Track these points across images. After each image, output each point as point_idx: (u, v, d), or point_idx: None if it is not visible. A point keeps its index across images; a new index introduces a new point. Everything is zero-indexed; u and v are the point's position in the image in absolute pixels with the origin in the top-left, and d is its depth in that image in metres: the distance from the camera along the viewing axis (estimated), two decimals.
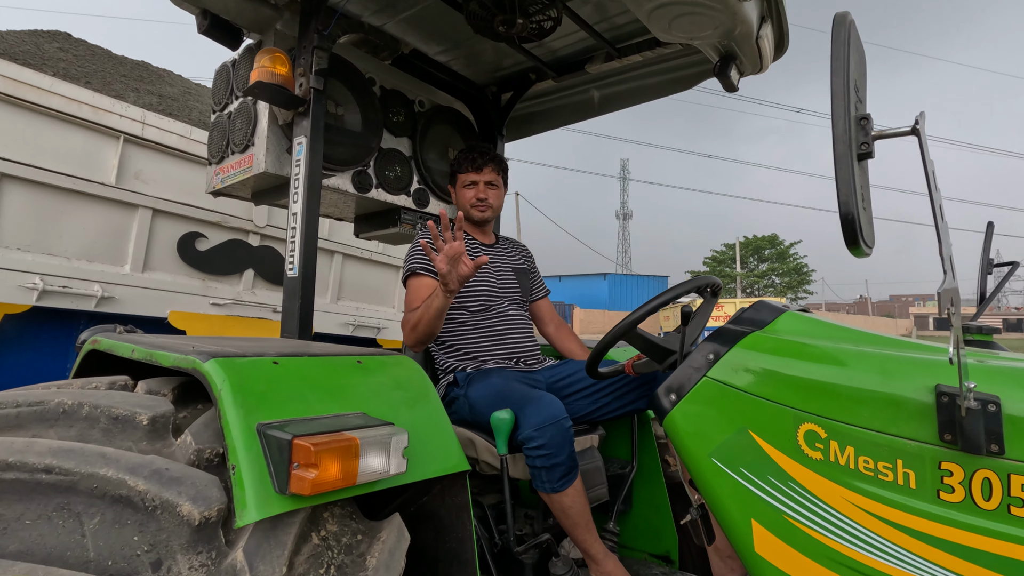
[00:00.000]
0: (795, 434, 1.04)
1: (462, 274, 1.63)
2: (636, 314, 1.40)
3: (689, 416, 1.22)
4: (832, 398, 1.01)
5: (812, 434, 1.02)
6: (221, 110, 2.26)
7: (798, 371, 1.08)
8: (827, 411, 1.01)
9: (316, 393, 1.14)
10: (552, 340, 2.24)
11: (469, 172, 2.10)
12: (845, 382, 1.00)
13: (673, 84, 2.49)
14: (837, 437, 0.99)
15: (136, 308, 2.99)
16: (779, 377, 1.10)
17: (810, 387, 1.05)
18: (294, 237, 1.92)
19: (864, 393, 0.97)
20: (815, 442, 1.01)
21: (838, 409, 1.00)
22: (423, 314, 1.74)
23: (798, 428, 1.04)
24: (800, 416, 1.04)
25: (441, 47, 2.50)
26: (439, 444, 1.27)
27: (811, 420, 1.03)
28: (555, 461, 1.43)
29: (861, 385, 0.98)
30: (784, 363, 1.11)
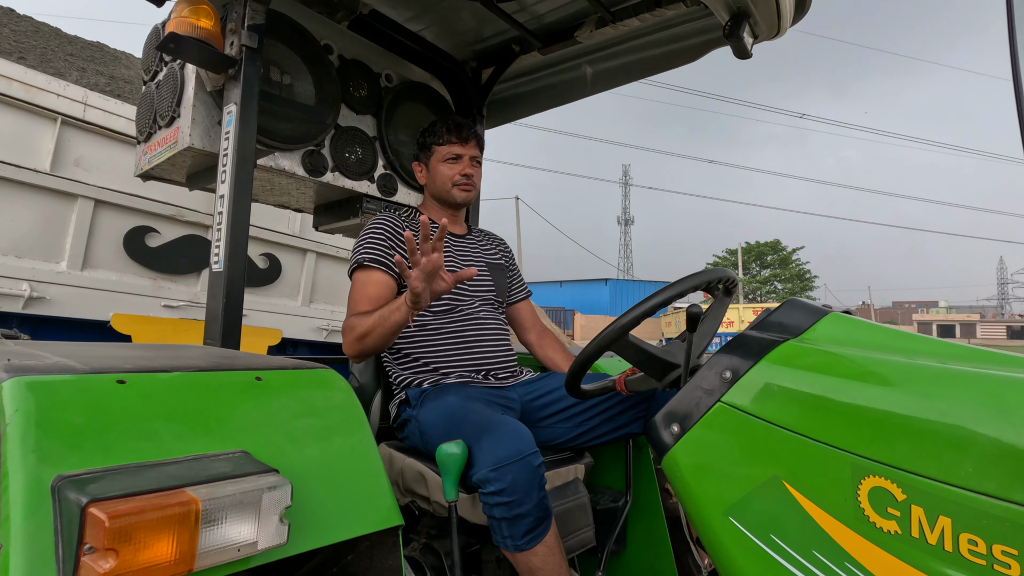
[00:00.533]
0: (854, 491, 0.71)
1: (438, 291, 1.32)
2: (627, 317, 1.08)
3: (698, 456, 0.89)
4: (913, 440, 0.68)
5: (882, 493, 0.69)
6: (151, 79, 1.95)
7: (856, 397, 0.75)
8: (905, 460, 0.68)
9: (175, 425, 0.81)
10: (533, 349, 1.91)
11: (453, 143, 1.77)
12: (935, 416, 0.67)
13: (676, 55, 2.17)
14: (922, 500, 0.66)
15: (73, 310, 2.67)
16: (828, 406, 0.77)
17: (877, 422, 0.72)
18: (220, 224, 1.60)
19: (966, 434, 0.65)
20: (887, 505, 0.69)
21: (923, 457, 0.67)
22: (376, 326, 1.40)
23: (859, 482, 0.71)
24: (862, 465, 0.71)
25: (411, 12, 2.18)
26: (362, 492, 0.94)
27: (880, 472, 0.70)
28: (519, 511, 1.09)
29: (961, 422, 0.66)
30: (834, 385, 0.78)
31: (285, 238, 3.58)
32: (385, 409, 1.66)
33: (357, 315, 1.48)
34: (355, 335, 1.44)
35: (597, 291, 41.76)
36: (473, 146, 1.81)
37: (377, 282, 1.54)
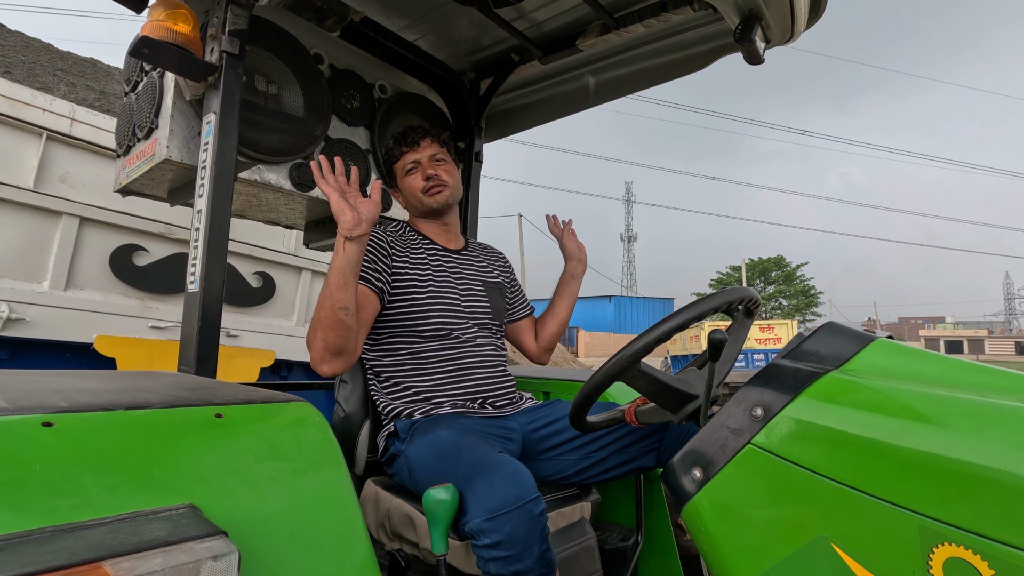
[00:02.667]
0: (925, 562, 0.58)
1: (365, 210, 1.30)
2: (639, 343, 0.95)
3: (726, 508, 0.76)
4: (1002, 500, 0.55)
5: (962, 566, 0.56)
6: (131, 90, 1.86)
7: (922, 443, 0.62)
8: (992, 526, 0.55)
9: (109, 477, 0.69)
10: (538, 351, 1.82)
11: (406, 153, 1.65)
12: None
13: (683, 63, 2.07)
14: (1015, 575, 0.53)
15: (55, 332, 2.56)
16: (887, 452, 0.64)
17: (952, 475, 0.59)
18: (197, 241, 1.49)
19: None
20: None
21: (1014, 521, 0.54)
22: (323, 299, 1.25)
23: (931, 551, 0.58)
24: (934, 529, 0.58)
25: (406, 20, 2.10)
26: (334, 545, 0.81)
27: (958, 540, 0.57)
28: (517, 568, 0.95)
29: None
30: (892, 427, 0.65)
31: (279, 256, 3.47)
32: (373, 441, 1.53)
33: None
34: (311, 335, 1.27)
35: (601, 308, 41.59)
36: (428, 145, 1.67)
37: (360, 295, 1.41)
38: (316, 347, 1.27)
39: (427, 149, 1.64)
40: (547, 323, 1.85)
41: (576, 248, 1.88)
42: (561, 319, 1.83)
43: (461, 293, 1.56)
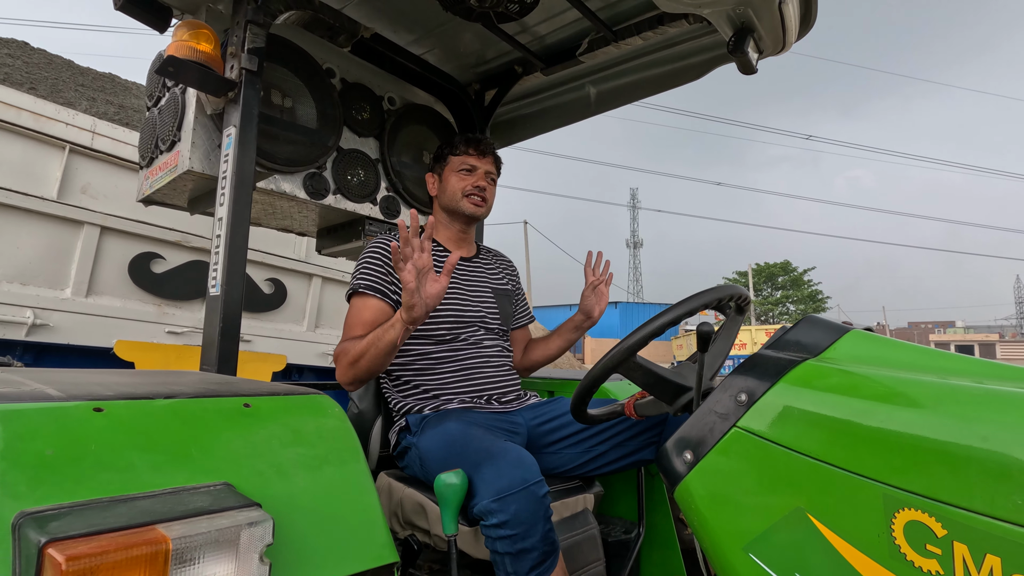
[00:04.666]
0: (888, 526, 0.65)
1: (430, 294, 1.27)
2: (635, 337, 1.02)
3: (714, 486, 0.83)
4: (953, 469, 0.62)
5: (919, 528, 0.63)
6: (154, 105, 1.95)
7: (886, 421, 0.69)
8: (945, 491, 0.62)
9: (153, 456, 0.76)
10: (519, 366, 1.84)
11: (471, 155, 1.73)
12: (978, 443, 0.61)
13: (680, 73, 2.15)
14: (966, 536, 0.59)
15: (77, 337, 2.65)
16: (856, 430, 0.71)
17: (911, 449, 0.66)
18: (219, 247, 1.57)
19: (1015, 463, 0.59)
20: (925, 542, 0.62)
21: (966, 488, 0.61)
22: (369, 347, 1.34)
23: (893, 516, 0.65)
24: (896, 497, 0.65)
25: (413, 35, 2.19)
26: (354, 527, 0.89)
27: (917, 505, 0.63)
28: (524, 545, 1.03)
29: (1008, 450, 0.59)
30: (861, 408, 0.72)
31: (290, 263, 3.56)
32: (385, 437, 1.60)
33: (350, 340, 1.43)
34: (348, 360, 1.38)
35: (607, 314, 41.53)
36: (489, 162, 1.78)
37: (372, 307, 1.49)
38: (349, 375, 1.39)
39: (487, 164, 1.73)
40: (536, 350, 1.86)
41: (595, 308, 1.76)
42: (550, 353, 1.85)
43: (471, 300, 1.63)
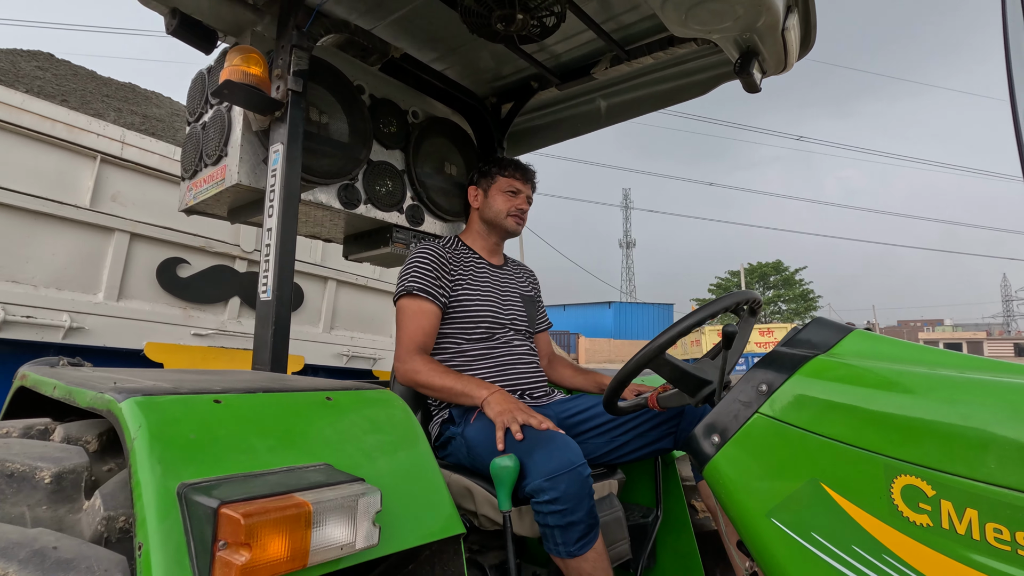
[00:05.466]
0: (888, 489, 0.79)
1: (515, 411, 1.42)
2: (664, 337, 1.17)
3: (739, 464, 0.97)
4: (940, 442, 0.77)
5: (913, 490, 0.77)
6: (195, 120, 2.07)
7: (885, 405, 0.84)
8: (933, 459, 0.76)
9: (267, 440, 0.90)
10: (546, 374, 2.00)
11: (517, 179, 1.90)
12: (960, 420, 0.76)
13: (687, 89, 2.30)
14: (951, 495, 0.74)
15: (109, 339, 2.77)
16: (860, 413, 0.85)
17: (906, 427, 0.80)
18: (268, 256, 1.70)
19: (988, 436, 0.73)
20: (918, 501, 0.77)
21: (949, 456, 0.75)
22: (440, 390, 1.54)
23: (892, 481, 0.79)
24: (894, 466, 0.79)
25: (436, 53, 2.32)
26: (426, 502, 1.02)
27: (911, 472, 0.78)
28: (572, 519, 1.17)
29: (983, 425, 0.74)
30: (865, 395, 0.86)
31: (308, 267, 3.68)
32: (425, 429, 1.74)
33: (423, 358, 1.59)
34: (417, 379, 1.56)
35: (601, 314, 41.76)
36: (531, 188, 1.95)
37: (427, 312, 1.64)
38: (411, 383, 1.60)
39: (529, 190, 1.90)
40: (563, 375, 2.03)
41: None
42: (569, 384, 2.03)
43: (503, 303, 1.78)
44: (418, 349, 1.60)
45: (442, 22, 2.11)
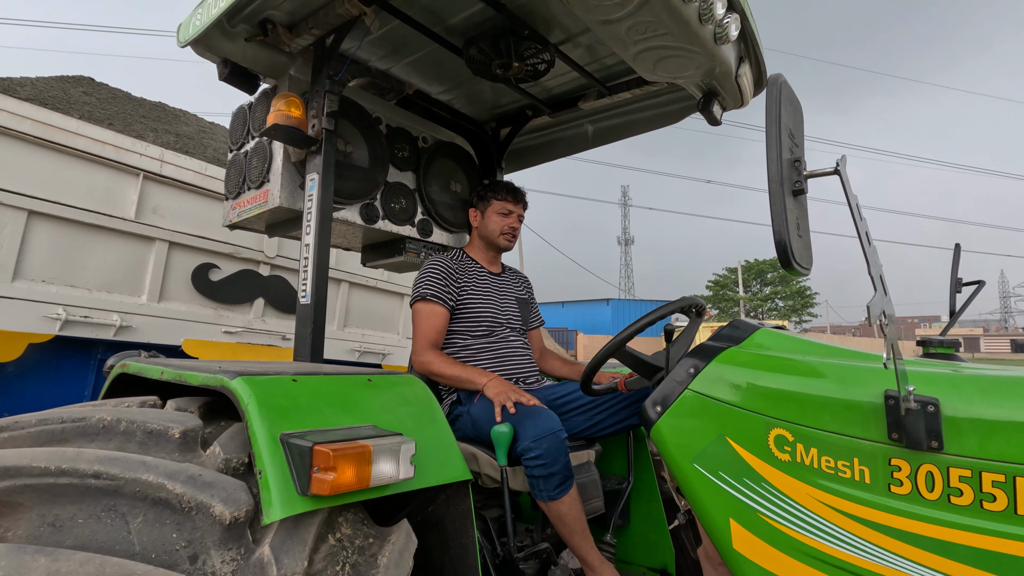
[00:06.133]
0: (766, 439, 1.15)
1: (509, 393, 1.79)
2: (624, 333, 1.52)
3: (673, 426, 1.33)
4: (798, 405, 1.12)
5: (781, 438, 1.13)
6: (238, 149, 2.42)
7: (769, 382, 1.19)
8: (794, 417, 1.12)
9: (331, 408, 1.25)
10: (539, 365, 2.36)
11: (509, 201, 2.25)
12: (809, 391, 1.11)
13: (662, 118, 2.65)
14: (803, 440, 1.09)
15: (152, 337, 3.12)
16: (752, 388, 1.21)
17: (779, 396, 1.16)
18: (307, 267, 2.05)
19: (826, 400, 1.08)
20: (784, 445, 1.12)
21: (803, 415, 1.11)
22: (451, 378, 1.91)
23: (769, 433, 1.15)
24: (771, 422, 1.15)
25: (443, 87, 2.67)
26: (443, 455, 1.38)
27: (780, 426, 1.13)
28: (551, 470, 1.53)
29: (823, 393, 1.09)
30: (756, 375, 1.22)
31: None
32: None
33: (434, 352, 1.96)
34: (431, 368, 1.93)
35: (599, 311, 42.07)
36: (522, 208, 2.29)
37: (438, 314, 2.00)
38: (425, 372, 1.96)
39: (520, 210, 2.24)
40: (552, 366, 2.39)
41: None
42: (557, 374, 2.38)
43: (501, 306, 2.14)
44: (431, 345, 1.96)
45: (449, 63, 2.45)
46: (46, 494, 0.99)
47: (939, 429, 0.95)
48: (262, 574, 0.98)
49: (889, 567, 0.98)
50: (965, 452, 0.94)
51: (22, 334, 2.70)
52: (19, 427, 1.20)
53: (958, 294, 1.77)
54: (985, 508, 0.91)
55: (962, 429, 0.95)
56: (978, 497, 0.92)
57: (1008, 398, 0.95)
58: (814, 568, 1.06)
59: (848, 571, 1.02)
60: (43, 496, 0.99)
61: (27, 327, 2.71)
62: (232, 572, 0.98)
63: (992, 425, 0.93)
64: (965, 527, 0.92)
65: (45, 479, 1.00)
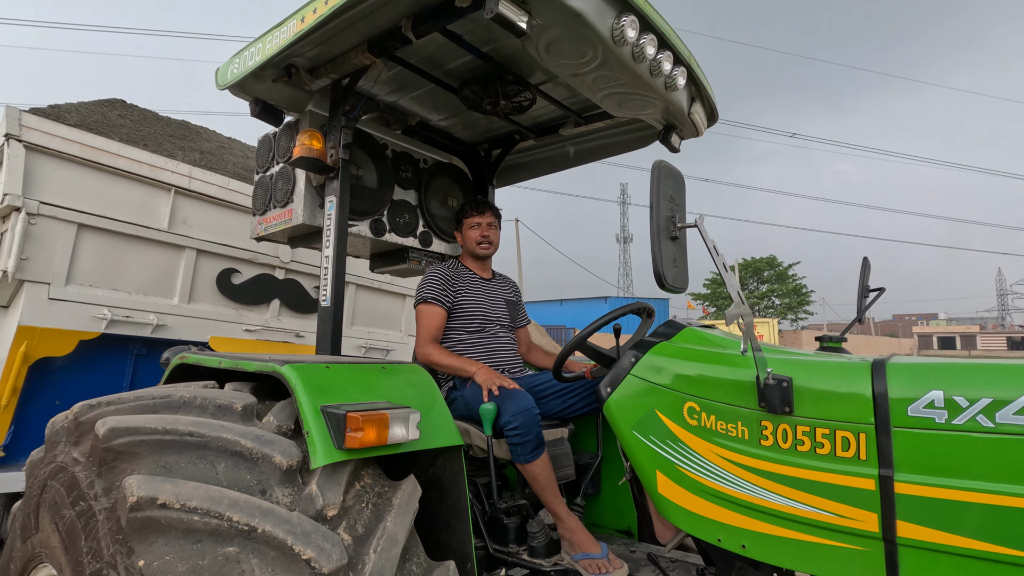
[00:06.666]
0: (682, 410, 1.54)
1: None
2: (586, 331, 1.91)
3: (619, 403, 1.72)
4: (703, 385, 1.51)
5: (692, 409, 1.52)
6: (264, 171, 2.80)
7: (685, 369, 1.58)
8: (702, 393, 1.51)
9: (356, 387, 1.65)
10: (524, 358, 2.76)
11: (474, 216, 2.64)
12: (711, 374, 1.50)
13: (633, 143, 3.03)
14: (706, 410, 1.48)
15: (183, 334, 3.50)
16: (674, 373, 1.60)
17: (691, 379, 1.55)
18: (327, 275, 2.44)
19: (721, 380, 1.47)
20: (693, 414, 1.51)
21: (707, 392, 1.50)
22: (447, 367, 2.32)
23: (683, 406, 1.54)
24: (685, 398, 1.54)
25: (442, 116, 3.05)
26: (441, 426, 1.77)
27: (692, 400, 1.52)
28: (526, 439, 1.92)
29: (720, 375, 1.48)
30: (677, 363, 1.61)
31: None
32: None
33: (434, 345, 2.35)
34: (431, 359, 2.32)
35: (597, 309, 42.43)
36: (489, 215, 2.66)
37: (437, 314, 2.39)
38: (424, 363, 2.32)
39: (488, 218, 2.62)
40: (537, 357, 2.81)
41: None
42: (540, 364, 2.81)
43: (491, 306, 2.53)
44: (432, 339, 2.35)
45: (447, 97, 2.83)
46: (156, 447, 1.38)
47: (791, 399, 1.33)
48: (311, 504, 1.37)
49: (760, 497, 1.37)
50: (806, 414, 1.32)
51: (75, 332, 3.09)
52: (121, 402, 1.59)
53: (865, 299, 2.16)
54: (817, 453, 1.30)
55: (805, 398, 1.33)
56: (814, 445, 1.30)
57: (834, 376, 1.33)
58: (712, 503, 1.45)
59: (734, 502, 1.41)
60: (154, 448, 1.38)
61: (78, 326, 3.10)
62: (290, 502, 1.37)
63: (822, 394, 1.32)
64: (806, 466, 1.31)
65: (155, 436, 1.39)
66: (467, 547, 1.71)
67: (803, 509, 1.30)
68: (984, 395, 1.14)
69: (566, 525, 1.98)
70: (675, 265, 1.33)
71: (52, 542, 1.47)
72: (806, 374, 1.37)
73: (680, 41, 2.14)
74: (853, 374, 1.31)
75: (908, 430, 1.21)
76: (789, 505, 1.32)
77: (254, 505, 1.28)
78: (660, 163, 1.34)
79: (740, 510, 1.41)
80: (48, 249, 3.02)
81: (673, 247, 1.32)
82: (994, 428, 1.12)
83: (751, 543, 1.39)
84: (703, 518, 1.48)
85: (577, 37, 1.84)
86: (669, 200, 1.32)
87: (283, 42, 2.11)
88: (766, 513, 1.36)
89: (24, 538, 1.67)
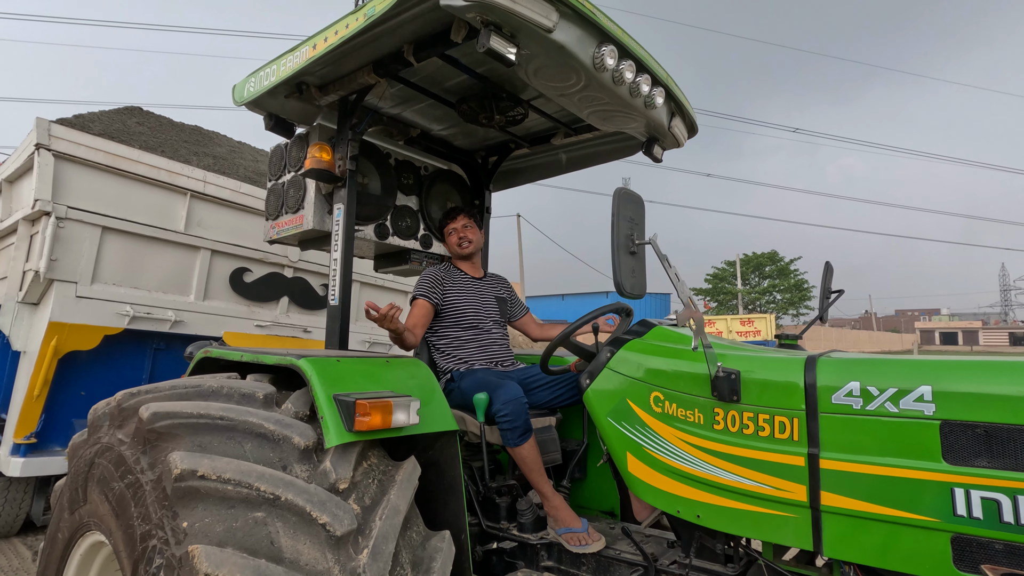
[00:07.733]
0: (648, 399, 1.76)
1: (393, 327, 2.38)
2: (568, 329, 2.13)
3: (597, 393, 1.94)
4: (667, 377, 1.73)
5: (657, 398, 1.74)
6: (276, 179, 3.02)
7: (652, 363, 1.80)
8: (666, 384, 1.72)
9: (363, 378, 1.87)
10: (541, 337, 2.98)
11: (449, 223, 2.88)
12: (674, 368, 1.72)
13: (621, 151, 3.24)
14: (669, 399, 1.70)
15: (198, 330, 3.73)
16: (643, 367, 1.82)
17: (657, 372, 1.76)
18: (335, 276, 2.66)
19: (682, 373, 1.69)
20: (658, 403, 1.73)
21: (670, 383, 1.71)
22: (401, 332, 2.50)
23: (650, 395, 1.76)
24: (652, 388, 1.76)
25: (441, 126, 3.26)
26: (439, 412, 1.99)
27: (657, 390, 1.74)
28: (515, 424, 2.14)
29: (681, 369, 1.70)
30: (646, 358, 1.83)
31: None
32: None
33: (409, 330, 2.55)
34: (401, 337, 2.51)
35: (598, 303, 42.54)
36: (462, 218, 2.89)
37: (421, 306, 2.62)
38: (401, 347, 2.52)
39: (461, 221, 2.83)
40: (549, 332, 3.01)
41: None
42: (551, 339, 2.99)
43: (483, 305, 2.75)
44: (412, 326, 2.56)
45: (446, 110, 3.04)
46: (192, 428, 1.61)
47: (738, 389, 1.55)
48: (325, 478, 1.60)
49: (712, 474, 1.58)
50: (752, 402, 1.54)
51: (100, 327, 3.32)
52: (158, 391, 1.82)
53: (827, 300, 2.37)
54: (759, 435, 1.51)
55: (750, 388, 1.55)
56: (756, 428, 1.52)
57: (775, 369, 1.55)
58: (673, 479, 1.67)
59: (691, 479, 1.63)
60: (190, 430, 1.61)
61: (103, 322, 3.33)
62: (308, 476, 1.60)
63: (764, 384, 1.53)
64: (750, 446, 1.52)
65: (191, 420, 1.61)
66: (460, 521, 1.93)
67: (746, 483, 1.52)
68: (891, 385, 1.35)
69: (551, 503, 2.21)
70: (633, 275, 1.54)
71: (102, 511, 1.70)
72: (752, 367, 1.58)
73: (657, 64, 2.35)
74: (790, 367, 1.53)
75: (832, 415, 1.42)
76: (735, 480, 1.54)
77: (278, 478, 1.51)
78: (620, 189, 1.56)
79: (696, 485, 1.63)
80: (75, 250, 3.25)
81: (632, 260, 1.53)
82: (898, 413, 1.33)
83: (704, 513, 1.61)
84: (666, 493, 1.70)
85: (562, 65, 2.05)
86: (629, 220, 1.53)
87: (296, 66, 2.32)
88: (717, 487, 1.58)
89: (72, 510, 1.90)
